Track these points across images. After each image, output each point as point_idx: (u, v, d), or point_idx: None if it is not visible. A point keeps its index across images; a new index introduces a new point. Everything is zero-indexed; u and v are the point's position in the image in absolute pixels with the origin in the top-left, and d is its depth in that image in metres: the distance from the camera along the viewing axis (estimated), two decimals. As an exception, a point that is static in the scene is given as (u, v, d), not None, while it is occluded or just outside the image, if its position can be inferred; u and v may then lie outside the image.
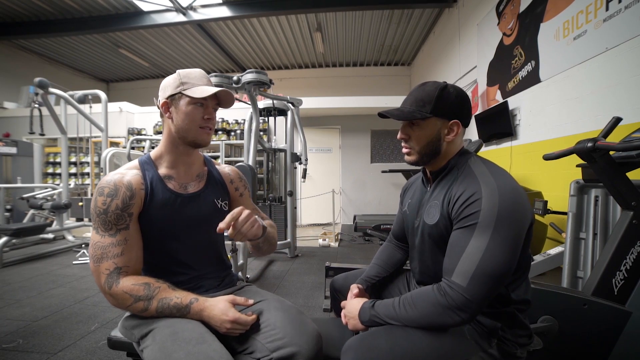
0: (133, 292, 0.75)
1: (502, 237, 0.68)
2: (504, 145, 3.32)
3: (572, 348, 1.09)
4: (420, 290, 0.76)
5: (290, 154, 3.61)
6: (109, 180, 0.81)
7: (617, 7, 2.00)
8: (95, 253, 0.77)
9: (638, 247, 1.13)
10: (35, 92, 3.20)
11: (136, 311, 0.77)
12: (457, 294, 0.68)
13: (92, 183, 5.52)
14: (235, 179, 1.04)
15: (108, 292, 0.76)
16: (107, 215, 0.78)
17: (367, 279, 1.03)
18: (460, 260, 0.70)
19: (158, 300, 0.76)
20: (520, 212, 0.70)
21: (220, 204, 0.96)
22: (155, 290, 0.77)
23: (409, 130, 0.85)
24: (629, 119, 1.85)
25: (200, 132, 0.86)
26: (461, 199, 0.74)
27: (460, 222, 0.73)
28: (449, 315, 0.69)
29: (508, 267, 0.69)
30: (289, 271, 2.98)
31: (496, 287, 0.69)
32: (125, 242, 0.79)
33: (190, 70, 0.88)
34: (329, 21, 5.35)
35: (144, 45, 6.24)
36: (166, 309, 0.76)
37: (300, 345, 0.75)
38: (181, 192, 0.89)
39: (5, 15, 5.07)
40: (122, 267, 0.77)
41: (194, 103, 0.84)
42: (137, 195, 0.82)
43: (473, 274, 0.67)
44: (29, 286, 2.47)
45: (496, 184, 0.72)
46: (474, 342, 0.74)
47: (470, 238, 0.70)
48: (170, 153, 0.90)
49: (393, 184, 6.13)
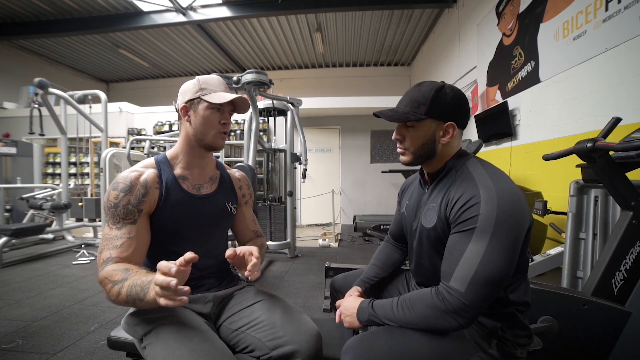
0: (111, 277, 0.73)
1: (500, 241, 0.68)
2: (504, 145, 3.32)
3: (571, 348, 1.09)
4: (419, 292, 0.76)
5: (290, 154, 3.61)
6: (125, 176, 0.83)
7: (616, 8, 2.00)
8: (101, 245, 0.80)
9: (638, 247, 1.13)
10: (35, 92, 3.20)
11: (113, 297, 0.72)
12: (455, 299, 0.68)
13: (91, 183, 5.52)
14: (243, 186, 1.08)
15: (99, 282, 0.75)
16: (117, 209, 0.80)
17: (366, 280, 1.03)
18: (458, 265, 0.69)
19: (129, 284, 0.70)
20: (519, 215, 0.70)
21: (230, 207, 0.99)
22: (130, 274, 0.72)
23: (404, 131, 0.84)
24: (628, 119, 1.86)
25: (216, 136, 0.90)
26: (459, 202, 0.73)
27: (458, 226, 0.73)
28: (447, 320, 0.69)
29: (506, 272, 0.69)
30: (289, 271, 2.98)
31: (494, 292, 0.69)
32: (129, 235, 0.79)
33: (208, 77, 0.92)
34: (329, 21, 5.35)
35: (144, 46, 6.24)
36: (133, 291, 0.69)
37: (300, 343, 0.76)
38: (194, 193, 0.92)
39: (5, 15, 5.07)
40: (115, 258, 0.77)
41: (212, 108, 0.88)
42: (151, 194, 0.84)
43: (471, 279, 0.67)
44: (29, 286, 2.46)
45: (495, 188, 0.71)
46: (473, 342, 0.74)
47: (469, 243, 0.70)
48: (186, 155, 0.92)
49: (393, 184, 6.13)
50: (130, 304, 0.71)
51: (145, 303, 0.67)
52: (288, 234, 3.50)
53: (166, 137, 4.71)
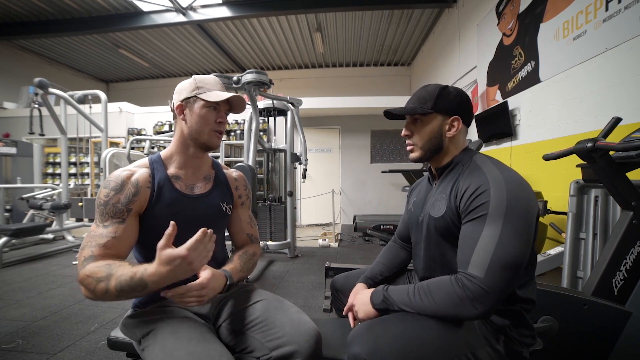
0: (95, 275, 0.70)
1: (513, 225, 0.68)
2: (504, 145, 3.32)
3: (572, 348, 1.09)
4: (437, 280, 0.75)
5: (290, 154, 3.60)
6: (117, 175, 0.83)
7: (616, 8, 2.00)
8: (84, 242, 0.77)
9: (638, 247, 1.13)
10: (35, 92, 3.20)
11: (100, 294, 0.69)
12: (475, 286, 0.67)
13: (91, 183, 5.52)
14: (240, 186, 1.06)
15: (79, 280, 0.72)
16: (107, 207, 0.79)
17: (371, 277, 1.03)
18: (474, 252, 0.69)
19: (116, 277, 0.69)
20: (528, 201, 0.71)
21: (225, 207, 0.97)
22: (113, 268, 0.70)
23: (412, 127, 0.89)
24: (628, 119, 1.85)
25: (212, 135, 0.89)
26: (469, 191, 0.75)
27: (469, 215, 0.73)
28: (466, 308, 0.68)
29: (522, 256, 0.68)
30: (289, 271, 2.98)
31: (513, 278, 0.68)
32: (114, 234, 0.78)
33: (205, 76, 0.91)
34: (329, 21, 5.35)
35: (144, 46, 6.24)
36: (124, 282, 0.68)
37: (300, 343, 0.75)
38: (187, 192, 0.91)
39: (5, 16, 5.07)
40: (96, 256, 0.74)
41: (208, 106, 0.87)
42: (142, 193, 0.83)
43: (489, 264, 0.67)
44: (29, 286, 2.46)
45: (502, 175, 0.73)
46: (482, 335, 0.74)
47: (482, 229, 0.70)
48: (180, 154, 0.91)
49: (393, 184, 6.13)
50: (122, 297, 0.69)
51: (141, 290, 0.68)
52: (288, 234, 3.50)
53: (166, 137, 4.71)
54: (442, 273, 0.81)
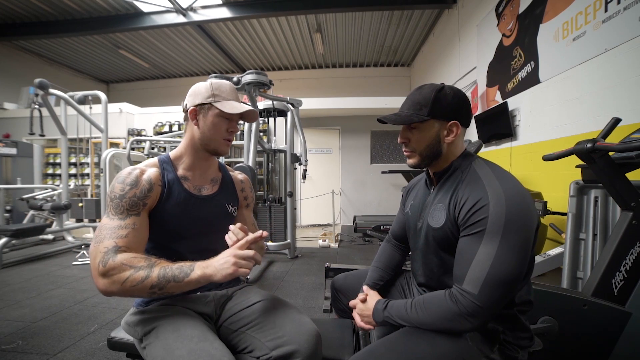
0: (133, 263, 0.72)
1: (510, 243, 0.68)
2: (504, 145, 3.32)
3: (572, 349, 1.09)
4: (432, 295, 0.77)
5: (290, 155, 3.61)
6: (130, 171, 0.84)
7: (616, 8, 2.00)
8: (99, 234, 0.76)
9: (638, 247, 1.13)
10: (35, 92, 3.20)
11: (134, 282, 0.70)
12: (469, 302, 0.68)
13: (92, 184, 5.52)
14: (246, 189, 1.08)
15: (102, 271, 0.71)
16: (122, 200, 0.79)
17: (372, 285, 1.02)
18: (470, 268, 0.70)
19: (160, 268, 0.73)
20: (528, 216, 0.70)
21: (231, 209, 0.99)
22: (155, 261, 0.75)
23: (408, 134, 0.86)
24: (628, 120, 1.86)
25: (222, 143, 0.92)
26: (467, 204, 0.74)
27: (467, 229, 0.73)
28: (460, 322, 0.70)
29: (518, 273, 0.69)
30: (289, 272, 2.98)
31: (507, 294, 0.69)
32: (134, 226, 0.79)
33: (221, 83, 0.92)
34: (329, 22, 5.35)
35: (144, 46, 6.25)
36: (168, 273, 0.72)
37: (300, 343, 0.76)
38: (195, 193, 0.92)
39: (5, 16, 5.08)
40: (121, 247, 0.74)
41: (222, 116, 0.88)
42: (155, 190, 0.85)
43: (484, 281, 0.68)
44: (29, 287, 2.46)
45: (502, 189, 0.72)
46: (476, 347, 0.74)
47: (479, 245, 0.70)
48: (189, 156, 0.93)
49: (393, 185, 6.13)
50: (156, 288, 0.71)
51: (185, 284, 0.72)
52: (288, 234, 3.50)
53: (166, 137, 4.71)
54: (440, 281, 0.83)
